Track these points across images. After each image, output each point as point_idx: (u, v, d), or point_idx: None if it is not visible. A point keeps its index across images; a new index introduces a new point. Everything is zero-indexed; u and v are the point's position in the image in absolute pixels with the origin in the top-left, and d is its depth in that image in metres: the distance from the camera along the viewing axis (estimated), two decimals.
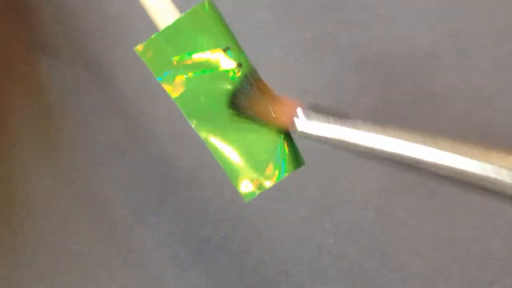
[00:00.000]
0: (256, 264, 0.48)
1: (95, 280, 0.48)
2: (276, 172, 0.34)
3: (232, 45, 0.34)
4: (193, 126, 0.34)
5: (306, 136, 0.32)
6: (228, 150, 0.34)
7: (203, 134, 0.34)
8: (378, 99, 0.51)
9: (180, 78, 0.34)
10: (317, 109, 0.32)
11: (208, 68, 0.34)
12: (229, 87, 0.34)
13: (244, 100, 0.34)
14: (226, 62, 0.34)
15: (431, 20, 0.52)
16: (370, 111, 0.50)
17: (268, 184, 0.34)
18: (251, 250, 0.48)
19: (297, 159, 0.34)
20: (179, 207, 0.49)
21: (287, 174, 0.34)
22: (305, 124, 0.32)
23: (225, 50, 0.34)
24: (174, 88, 0.34)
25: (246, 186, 0.34)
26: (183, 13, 0.34)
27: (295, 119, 0.32)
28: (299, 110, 0.32)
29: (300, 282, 0.47)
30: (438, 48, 0.51)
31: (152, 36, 0.33)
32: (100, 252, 0.48)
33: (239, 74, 0.34)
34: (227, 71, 0.34)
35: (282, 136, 0.34)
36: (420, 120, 0.50)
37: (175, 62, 0.34)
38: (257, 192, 0.34)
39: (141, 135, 0.50)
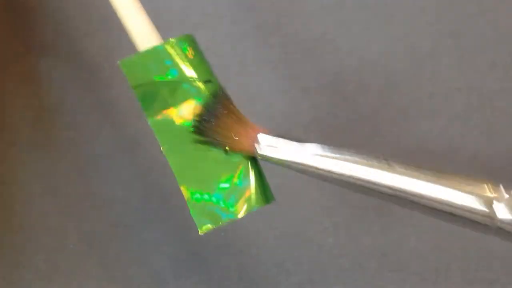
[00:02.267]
0: (256, 264, 0.47)
1: (95, 280, 0.48)
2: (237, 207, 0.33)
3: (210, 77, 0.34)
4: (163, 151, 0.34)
5: (267, 159, 0.32)
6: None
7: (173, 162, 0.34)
8: (377, 99, 0.51)
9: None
10: (279, 135, 0.32)
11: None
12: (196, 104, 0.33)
13: (209, 119, 0.33)
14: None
15: (431, 20, 0.52)
16: (370, 111, 0.50)
17: (224, 218, 0.33)
18: (251, 250, 0.48)
19: (264, 195, 0.33)
20: (179, 206, 0.49)
21: (251, 210, 0.33)
22: (266, 148, 0.32)
23: (205, 82, 0.34)
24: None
25: (201, 217, 0.33)
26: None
27: (256, 143, 0.32)
28: (261, 136, 0.32)
29: (300, 282, 0.47)
30: (438, 48, 0.51)
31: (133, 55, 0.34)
32: (100, 252, 0.48)
33: (206, 93, 0.33)
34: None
35: (243, 168, 0.33)
36: (420, 121, 0.50)
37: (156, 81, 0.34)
38: (213, 226, 0.33)
39: (142, 135, 0.50)
